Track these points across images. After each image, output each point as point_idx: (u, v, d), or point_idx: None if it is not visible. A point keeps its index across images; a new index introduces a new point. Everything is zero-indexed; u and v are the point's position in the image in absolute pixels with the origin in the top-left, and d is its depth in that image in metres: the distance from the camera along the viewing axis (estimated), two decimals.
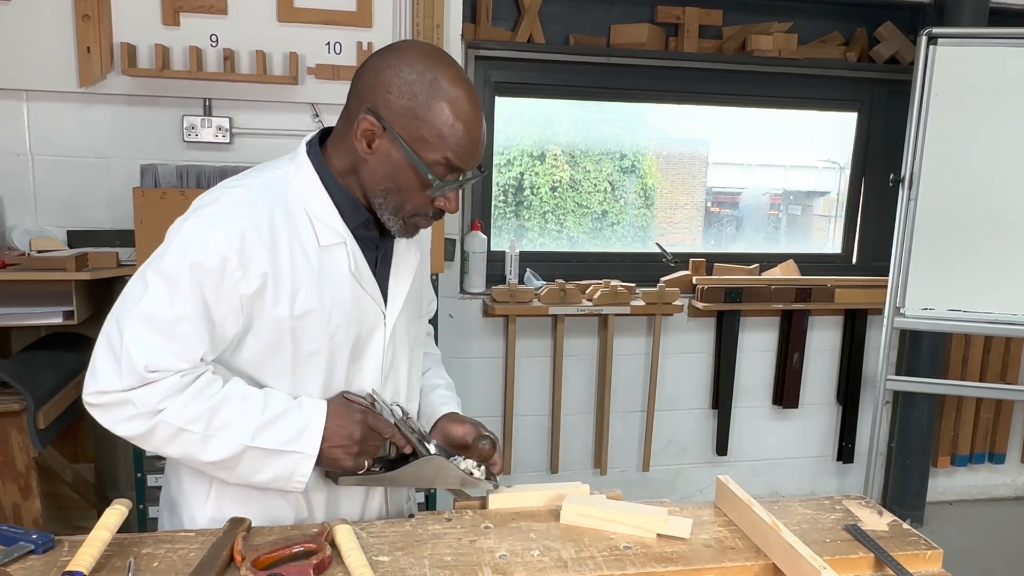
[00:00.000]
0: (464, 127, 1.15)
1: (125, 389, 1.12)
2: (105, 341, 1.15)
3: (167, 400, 1.13)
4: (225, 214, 1.16)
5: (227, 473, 1.19)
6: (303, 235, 1.21)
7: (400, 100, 1.15)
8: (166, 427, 1.14)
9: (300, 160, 1.24)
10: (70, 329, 2.63)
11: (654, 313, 3.26)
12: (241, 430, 1.16)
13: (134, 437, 1.15)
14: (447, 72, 1.16)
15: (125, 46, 2.61)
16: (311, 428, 1.20)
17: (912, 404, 3.52)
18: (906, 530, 1.26)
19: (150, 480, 2.59)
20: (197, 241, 1.14)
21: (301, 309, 1.20)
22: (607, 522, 1.22)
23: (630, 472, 3.50)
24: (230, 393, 1.17)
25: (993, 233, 2.93)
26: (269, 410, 1.18)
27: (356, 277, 1.24)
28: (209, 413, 1.15)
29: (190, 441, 1.15)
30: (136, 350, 1.12)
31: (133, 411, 1.13)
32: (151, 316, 1.13)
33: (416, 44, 1.21)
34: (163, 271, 1.14)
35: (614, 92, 3.41)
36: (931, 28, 2.93)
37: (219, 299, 1.15)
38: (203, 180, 2.62)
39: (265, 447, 1.17)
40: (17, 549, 1.09)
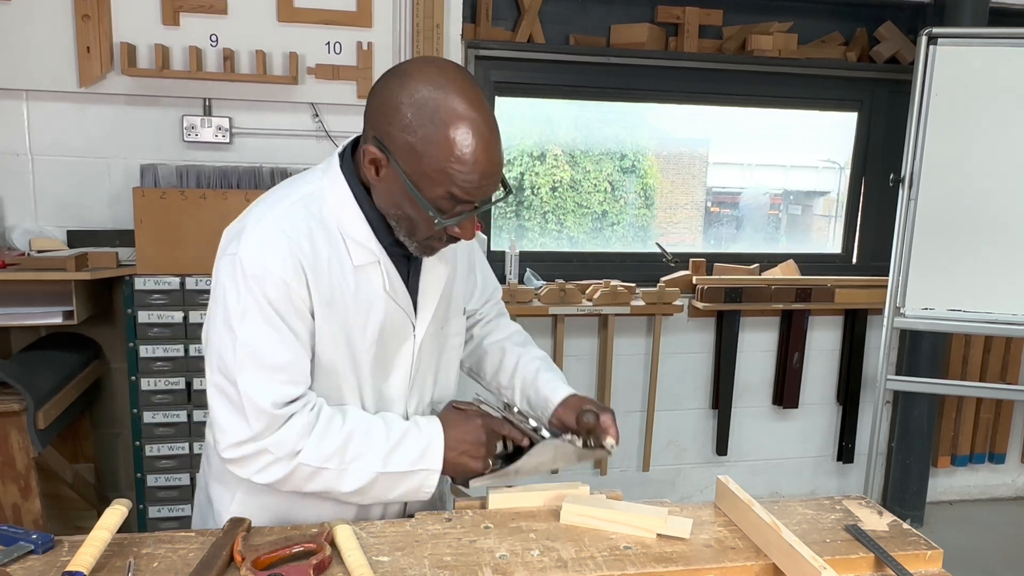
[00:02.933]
0: (470, 162, 1.10)
1: (256, 435, 1.16)
2: (219, 396, 1.18)
3: (301, 442, 1.18)
4: (270, 234, 1.17)
5: (361, 497, 1.25)
6: (339, 253, 1.21)
7: (401, 134, 1.11)
8: (305, 468, 1.19)
9: (333, 174, 1.23)
10: (70, 329, 2.64)
11: (654, 313, 3.26)
12: (372, 459, 1.22)
13: (276, 482, 1.20)
14: (451, 103, 1.10)
15: (125, 46, 2.61)
16: (433, 445, 1.25)
17: (912, 404, 3.52)
18: (906, 530, 1.26)
19: (150, 480, 2.59)
20: (256, 271, 1.15)
21: (338, 326, 1.22)
22: (607, 522, 1.22)
23: (630, 472, 3.50)
24: (355, 425, 1.22)
25: (993, 233, 2.93)
26: (392, 435, 1.24)
27: (391, 295, 1.25)
28: (341, 448, 1.20)
29: (328, 477, 1.20)
30: (255, 393, 1.15)
31: (271, 458, 1.18)
32: (253, 355, 1.16)
33: (424, 68, 1.14)
34: (243, 312, 1.16)
35: (614, 92, 3.41)
36: (931, 28, 2.92)
37: (295, 316, 1.18)
38: (203, 180, 2.63)
39: (395, 471, 1.23)
40: (17, 549, 1.09)
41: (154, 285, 2.50)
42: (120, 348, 2.77)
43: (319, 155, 2.89)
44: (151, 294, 2.50)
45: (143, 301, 2.50)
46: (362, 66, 2.85)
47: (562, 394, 1.43)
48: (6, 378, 2.21)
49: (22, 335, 2.69)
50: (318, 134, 2.88)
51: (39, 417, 2.22)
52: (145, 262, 2.49)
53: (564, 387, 1.45)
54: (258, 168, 2.70)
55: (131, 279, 2.50)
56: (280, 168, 2.75)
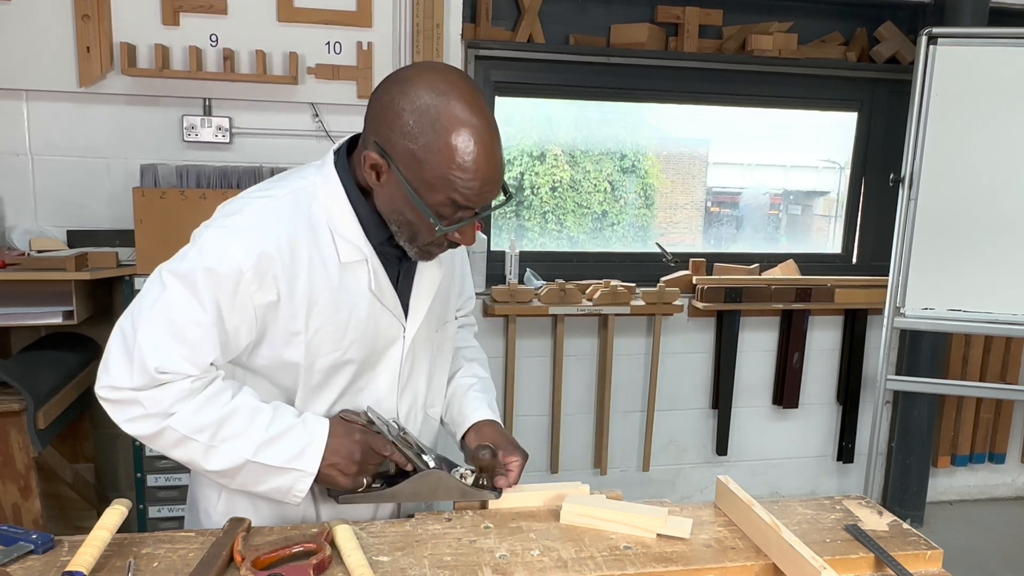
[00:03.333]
0: (471, 169, 1.10)
1: (135, 388, 1.14)
2: (120, 337, 1.16)
3: (177, 405, 1.15)
4: (246, 226, 1.16)
5: (227, 481, 1.21)
6: (324, 250, 1.20)
7: (402, 141, 1.11)
8: (173, 432, 1.15)
9: (327, 171, 1.23)
10: (70, 329, 2.64)
11: (654, 313, 3.26)
12: (245, 444, 1.17)
13: (142, 437, 1.17)
14: (452, 109, 1.09)
15: (125, 46, 2.61)
16: (312, 447, 1.21)
17: (912, 404, 3.52)
18: (906, 530, 1.26)
19: (150, 480, 2.59)
20: (216, 250, 1.15)
21: (316, 324, 1.21)
22: (607, 522, 1.22)
23: (630, 472, 3.50)
24: (239, 405, 1.19)
25: (993, 233, 2.93)
26: (274, 426, 1.19)
27: (376, 295, 1.24)
28: (216, 424, 1.16)
29: (194, 449, 1.17)
30: (149, 350, 1.13)
31: (142, 411, 1.15)
32: (166, 318, 1.14)
33: (425, 73, 1.13)
34: (181, 274, 1.15)
35: (614, 92, 3.41)
36: (931, 28, 2.92)
37: (233, 308, 1.16)
38: (203, 180, 2.63)
39: (266, 463, 1.19)
40: (17, 549, 1.09)
41: None
42: None
43: (319, 155, 2.84)
44: None
45: None
46: (362, 66, 2.85)
47: (479, 417, 1.41)
48: (6, 378, 2.21)
49: (22, 335, 2.69)
50: (318, 134, 2.88)
51: (39, 417, 2.22)
52: (145, 262, 2.48)
53: (486, 410, 1.42)
54: (258, 168, 2.70)
55: (131, 279, 2.49)
56: (280, 168, 2.72)
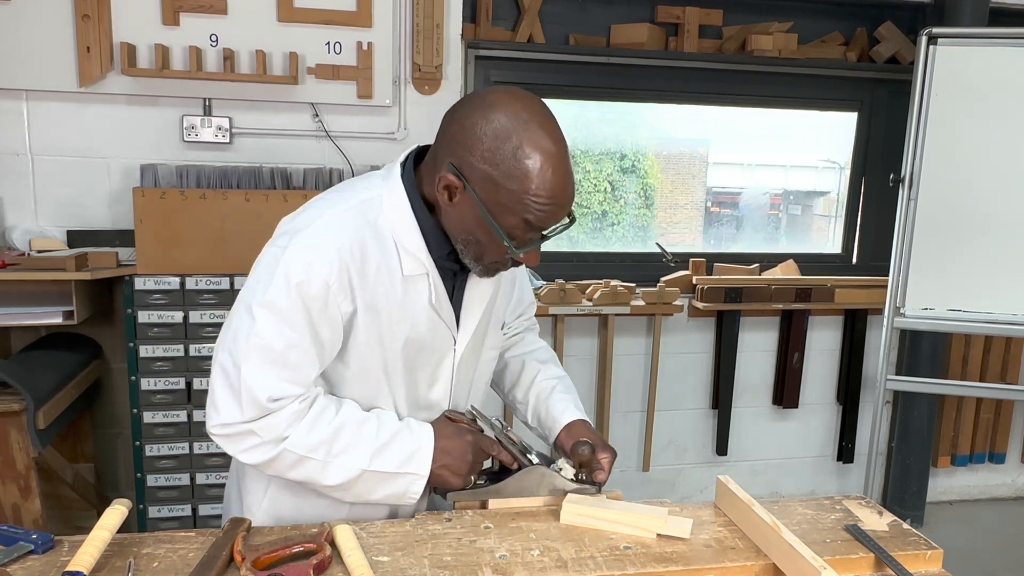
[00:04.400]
0: (547, 192, 1.12)
1: (247, 420, 1.17)
2: (221, 374, 1.19)
3: (289, 428, 1.18)
4: (322, 238, 1.18)
5: (344, 493, 1.24)
6: (390, 262, 1.22)
7: (481, 165, 1.13)
8: (289, 455, 1.19)
9: (392, 183, 1.24)
10: (70, 329, 2.64)
11: (654, 313, 3.26)
12: (358, 455, 1.22)
13: (259, 464, 1.20)
14: (533, 136, 1.12)
15: (125, 46, 2.61)
16: (422, 450, 1.26)
17: (912, 404, 3.52)
18: (906, 530, 1.26)
19: (150, 480, 2.59)
20: (299, 267, 1.16)
21: (382, 332, 1.23)
22: (607, 522, 1.22)
23: (630, 472, 3.50)
24: (346, 419, 1.22)
25: (993, 233, 2.92)
26: (383, 434, 1.24)
27: (435, 308, 1.26)
28: (329, 440, 1.20)
29: (312, 467, 1.20)
30: (255, 383, 1.16)
31: (257, 440, 1.18)
32: (264, 347, 1.16)
33: (505, 99, 1.15)
34: (270, 303, 1.16)
35: (614, 92, 3.41)
36: (931, 28, 2.92)
37: (324, 320, 1.18)
38: (203, 180, 2.63)
39: (381, 470, 1.23)
40: (17, 549, 1.09)
41: (154, 285, 2.50)
42: (120, 348, 2.77)
43: (319, 155, 2.89)
44: (151, 294, 2.50)
45: (143, 301, 2.50)
46: (362, 66, 2.85)
47: (569, 417, 1.44)
48: (6, 378, 2.21)
49: (22, 335, 2.69)
50: (318, 134, 2.88)
51: (39, 417, 2.22)
52: (145, 262, 2.49)
53: (574, 410, 1.45)
54: (258, 168, 2.70)
55: (131, 279, 2.50)
56: (280, 168, 2.75)
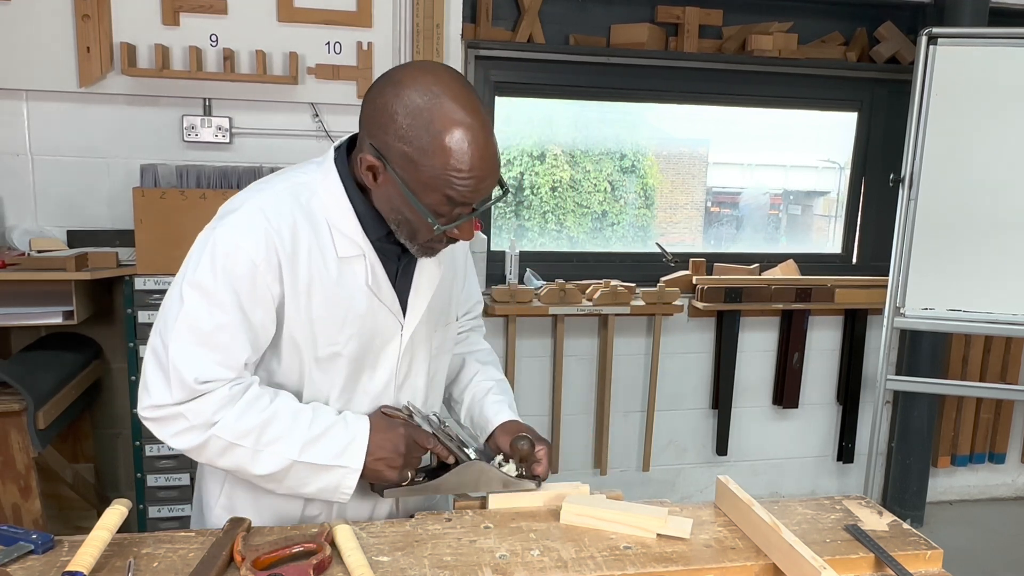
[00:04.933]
0: (466, 168, 1.11)
1: (176, 402, 1.15)
2: (152, 356, 1.18)
3: (219, 413, 1.16)
4: (250, 220, 1.17)
5: (276, 485, 1.22)
6: (323, 244, 1.21)
7: (397, 143, 1.12)
8: (218, 441, 1.17)
9: (327, 167, 1.24)
10: (70, 329, 2.64)
11: (654, 313, 3.26)
12: (289, 445, 1.19)
13: (188, 450, 1.19)
14: (445, 109, 1.10)
15: (125, 46, 2.61)
16: (355, 443, 1.22)
17: (912, 404, 3.52)
18: (906, 530, 1.26)
19: (150, 480, 2.59)
20: (226, 249, 1.16)
21: (315, 316, 1.22)
22: (607, 522, 1.22)
23: (630, 472, 3.50)
24: (279, 408, 1.20)
25: (993, 233, 2.93)
26: (316, 425, 1.21)
27: (373, 290, 1.25)
28: (259, 428, 1.18)
29: (241, 455, 1.18)
30: (183, 363, 1.15)
31: (186, 424, 1.16)
32: (192, 328, 1.15)
33: (416, 74, 1.13)
34: (197, 283, 1.16)
35: (614, 92, 3.41)
36: (931, 28, 2.92)
37: (255, 303, 1.17)
38: (203, 180, 2.62)
39: (312, 462, 1.20)
40: (17, 549, 1.09)
41: (154, 285, 2.50)
42: (120, 348, 2.77)
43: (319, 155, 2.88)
44: (151, 294, 2.50)
45: (143, 301, 2.50)
46: (362, 66, 2.85)
47: (503, 417, 1.42)
48: (6, 378, 2.21)
49: (22, 335, 2.69)
50: (318, 134, 2.88)
51: (39, 417, 2.22)
52: (145, 262, 2.48)
53: (508, 411, 1.44)
54: (258, 168, 2.70)
55: (131, 279, 2.50)
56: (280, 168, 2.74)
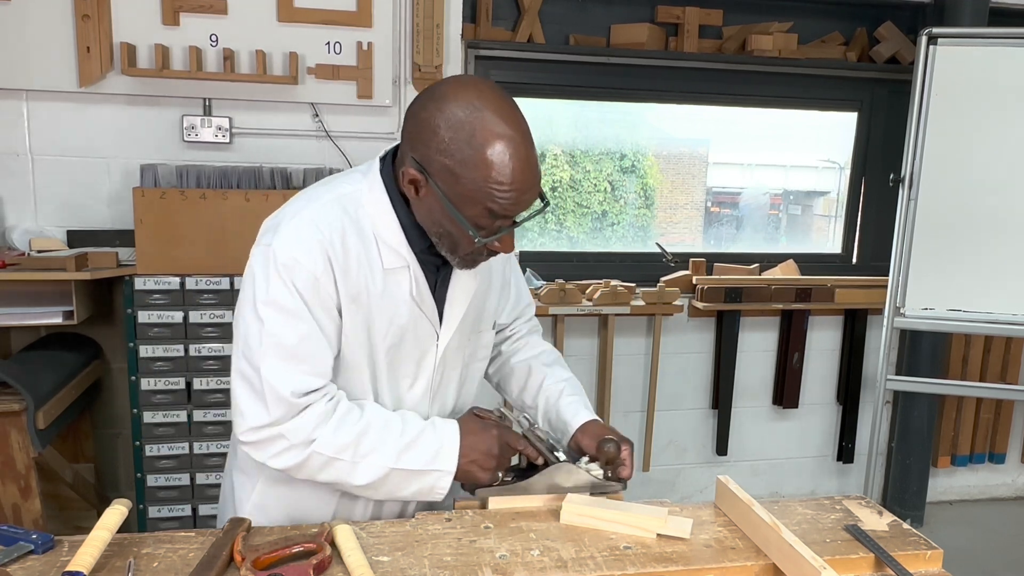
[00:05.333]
0: (507, 178, 1.12)
1: (275, 421, 1.18)
2: (241, 380, 1.20)
3: (317, 430, 1.19)
4: (304, 231, 1.19)
5: (374, 492, 1.25)
6: (371, 254, 1.23)
7: (439, 157, 1.13)
8: (319, 457, 1.20)
9: (372, 178, 1.25)
10: (70, 329, 2.64)
11: (654, 313, 3.26)
12: (385, 454, 1.22)
13: (289, 468, 1.21)
14: (487, 123, 1.11)
15: (125, 46, 2.61)
16: (447, 447, 1.26)
17: (912, 404, 3.52)
18: (906, 530, 1.26)
19: (150, 480, 2.59)
20: (287, 262, 1.17)
21: (362, 326, 1.24)
22: (607, 522, 1.22)
23: None
24: (372, 419, 1.24)
25: (993, 233, 2.93)
26: (408, 433, 1.25)
27: (416, 301, 1.27)
28: (356, 440, 1.21)
29: (341, 468, 1.21)
30: (277, 380, 1.17)
31: (286, 444, 1.19)
32: (278, 345, 1.18)
33: (459, 88, 1.15)
34: (272, 301, 1.18)
35: (614, 92, 3.41)
36: (931, 28, 2.92)
37: (322, 310, 1.20)
38: (203, 180, 2.62)
39: (408, 468, 1.23)
40: (17, 549, 1.09)
41: (154, 285, 2.50)
42: (120, 348, 2.77)
43: (319, 155, 2.89)
44: (151, 294, 2.50)
45: (143, 301, 2.50)
46: (362, 66, 2.85)
47: (582, 419, 1.44)
48: (6, 378, 2.21)
49: (22, 335, 2.69)
50: (318, 134, 2.88)
51: (39, 417, 2.22)
52: (145, 262, 2.48)
53: (585, 411, 1.46)
54: (258, 168, 2.70)
55: (131, 279, 2.50)
56: (280, 168, 2.75)
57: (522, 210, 1.18)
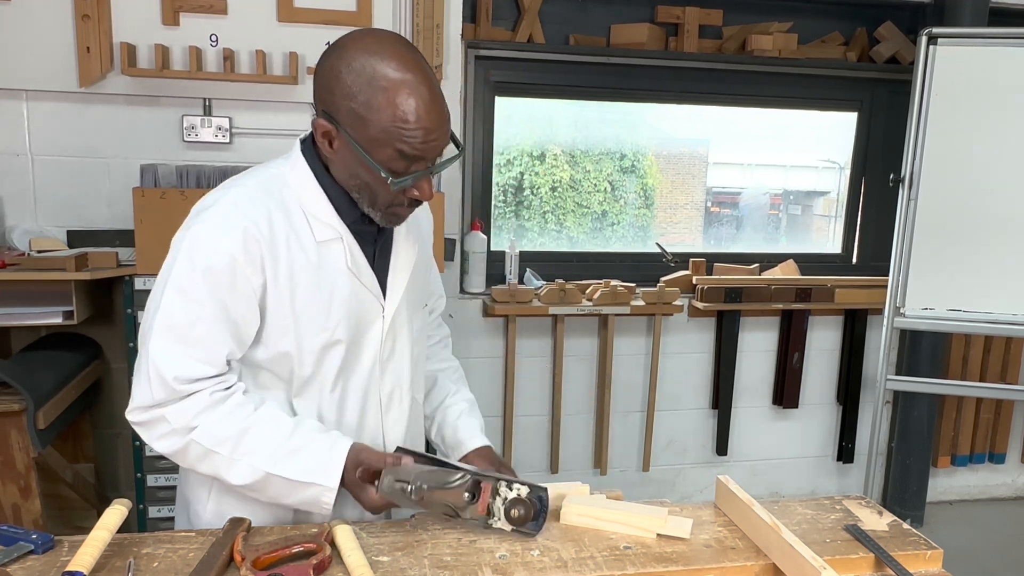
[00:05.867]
0: (411, 116, 1.13)
1: (158, 403, 1.16)
2: (137, 360, 1.20)
3: (199, 417, 1.17)
4: (225, 215, 1.18)
5: (258, 494, 1.23)
6: (300, 232, 1.22)
7: (344, 102, 1.14)
8: (196, 446, 1.18)
9: (295, 158, 1.26)
10: (70, 329, 2.64)
11: (654, 313, 3.26)
12: (262, 458, 1.19)
13: (171, 454, 1.20)
14: (386, 65, 1.13)
15: (125, 46, 2.61)
16: (333, 461, 1.21)
17: (912, 404, 3.52)
18: (906, 530, 1.26)
19: (150, 480, 2.59)
20: (203, 246, 1.16)
21: (300, 306, 1.22)
22: (607, 522, 1.22)
23: (630, 472, 3.50)
24: (260, 418, 1.20)
25: (993, 233, 2.92)
26: (295, 440, 1.21)
27: (354, 272, 1.26)
28: (237, 436, 1.18)
29: (218, 462, 1.19)
30: (161, 362, 1.16)
31: (168, 428, 1.18)
32: (169, 327, 1.17)
33: (359, 38, 1.17)
34: (174, 283, 1.17)
35: (614, 92, 3.41)
36: (931, 28, 2.92)
37: (236, 297, 1.18)
38: (203, 180, 2.62)
39: (285, 476, 1.20)
40: (17, 549, 1.09)
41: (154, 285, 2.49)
42: (120, 348, 2.77)
43: None
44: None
45: (143, 301, 2.45)
46: None
47: (478, 443, 1.46)
48: (6, 378, 2.21)
49: (22, 335, 2.69)
50: None
51: (39, 417, 2.22)
52: (145, 262, 2.48)
53: (481, 436, 1.47)
54: None
55: (131, 279, 2.50)
56: None
57: (433, 153, 1.18)
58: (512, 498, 1.18)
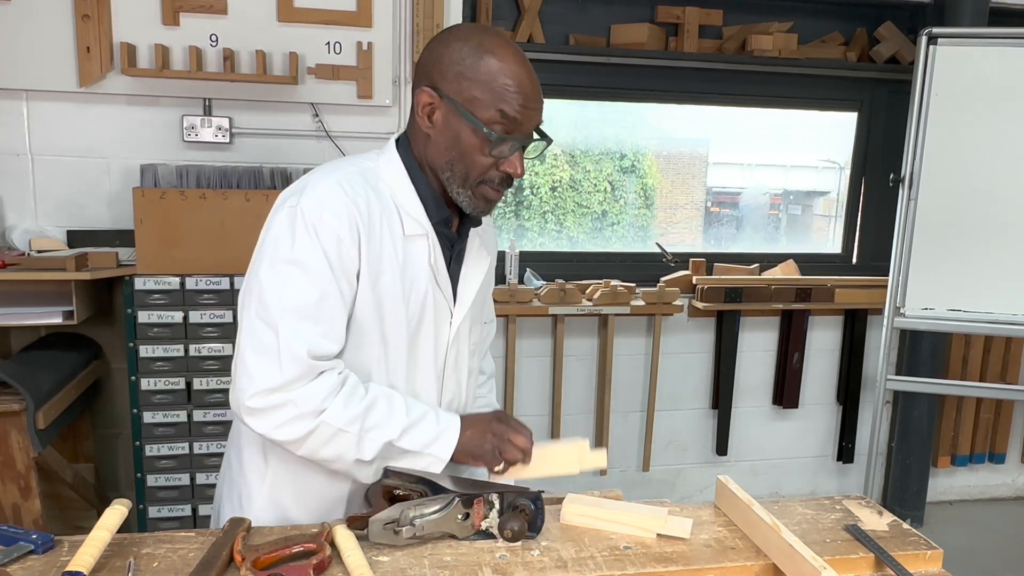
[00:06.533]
0: (513, 79, 1.19)
1: (287, 383, 1.15)
2: (251, 340, 1.17)
3: (327, 400, 1.17)
4: (332, 194, 1.20)
5: (367, 471, 1.23)
6: (392, 223, 1.25)
7: (450, 67, 1.20)
8: (327, 428, 1.18)
9: (389, 154, 1.30)
10: (70, 329, 2.64)
11: (654, 313, 3.26)
12: (388, 430, 1.22)
13: (292, 440, 1.18)
14: (493, 38, 1.21)
15: (125, 46, 2.61)
16: (447, 434, 1.26)
17: (912, 404, 3.52)
18: (906, 530, 1.26)
19: (150, 480, 2.59)
20: (313, 223, 1.17)
21: (382, 294, 1.24)
22: (607, 522, 1.22)
23: (630, 472, 3.50)
24: (377, 395, 1.23)
25: (993, 233, 2.93)
26: (412, 414, 1.25)
27: (433, 269, 1.29)
28: (364, 413, 1.20)
29: (347, 441, 1.20)
30: (294, 339, 1.15)
31: (295, 412, 1.16)
32: (298, 304, 1.16)
33: (461, 26, 1.30)
34: (295, 259, 1.17)
35: (614, 92, 3.40)
36: (931, 28, 2.93)
37: (343, 274, 1.20)
38: (203, 180, 2.62)
39: (406, 448, 1.23)
40: (17, 549, 1.09)
41: (154, 285, 2.50)
42: (120, 348, 2.77)
43: (319, 155, 2.89)
44: (151, 294, 2.50)
45: (143, 301, 2.50)
46: (362, 66, 2.85)
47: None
48: (6, 378, 2.21)
49: (22, 335, 2.69)
50: (318, 134, 2.88)
51: (39, 417, 2.22)
52: (145, 262, 2.49)
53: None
54: (258, 168, 2.70)
55: (131, 279, 2.50)
56: (280, 168, 2.75)
57: (529, 124, 1.22)
58: (503, 517, 1.17)
